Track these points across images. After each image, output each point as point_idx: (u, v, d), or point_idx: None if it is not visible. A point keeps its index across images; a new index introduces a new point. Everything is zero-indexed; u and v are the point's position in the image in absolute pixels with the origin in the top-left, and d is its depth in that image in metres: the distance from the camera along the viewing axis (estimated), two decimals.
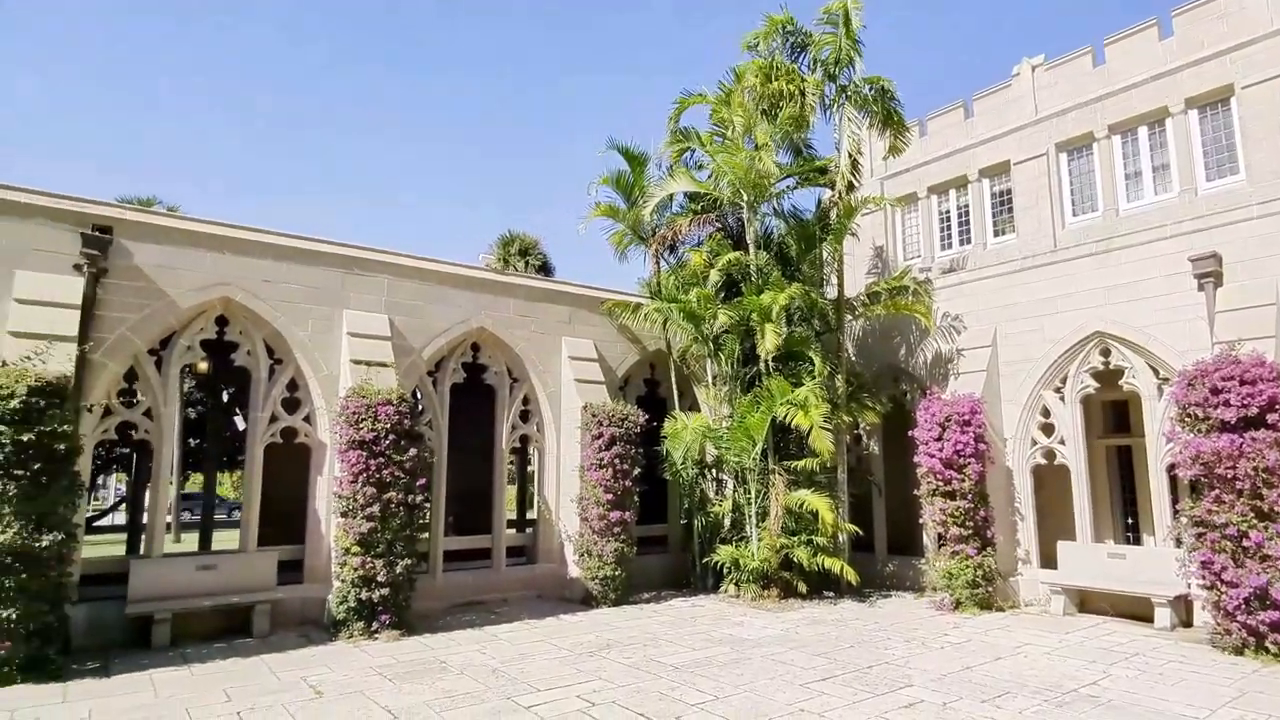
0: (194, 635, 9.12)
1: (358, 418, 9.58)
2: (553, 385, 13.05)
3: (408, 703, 6.80)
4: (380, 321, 11.18)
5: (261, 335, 10.43)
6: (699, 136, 14.35)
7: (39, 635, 7.40)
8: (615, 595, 11.68)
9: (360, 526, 9.26)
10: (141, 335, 9.40)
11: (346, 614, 9.26)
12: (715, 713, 6.52)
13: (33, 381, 7.47)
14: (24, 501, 7.32)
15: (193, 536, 15.95)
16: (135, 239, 9.43)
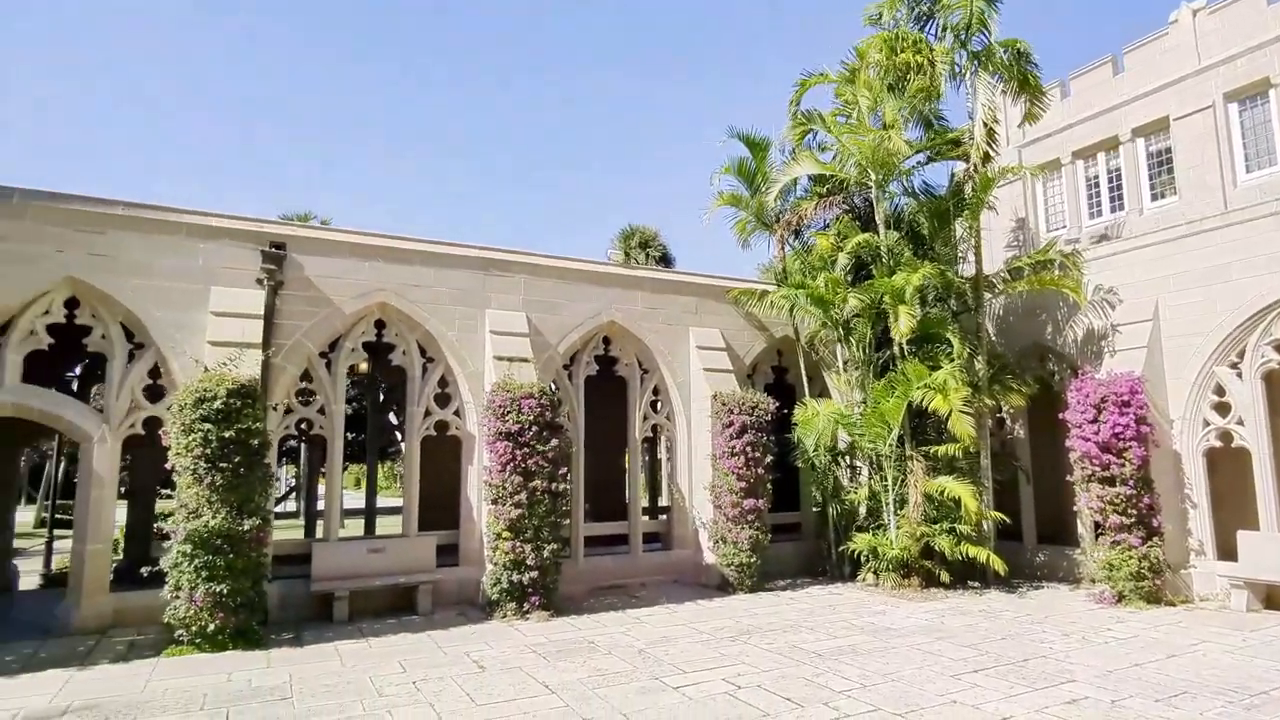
0: (367, 611, 10.02)
1: (503, 411, 10.15)
2: (681, 375, 13.26)
3: (563, 679, 7.21)
4: (519, 319, 11.76)
5: (414, 336, 11.25)
6: (822, 118, 14.07)
7: (244, 608, 8.39)
8: (751, 582, 11.77)
9: (509, 513, 9.84)
10: (313, 339, 10.39)
11: (499, 595, 9.87)
12: (863, 700, 6.51)
13: (230, 384, 8.46)
14: (228, 490, 8.31)
15: (355, 523, 17.35)
16: (305, 253, 10.42)
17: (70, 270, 9.17)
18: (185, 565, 8.13)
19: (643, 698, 6.62)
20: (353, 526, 12.62)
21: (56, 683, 7.11)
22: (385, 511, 18.46)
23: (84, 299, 9.38)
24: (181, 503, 8.31)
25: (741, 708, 6.33)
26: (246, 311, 9.74)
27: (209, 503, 8.24)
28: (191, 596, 8.07)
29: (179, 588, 8.15)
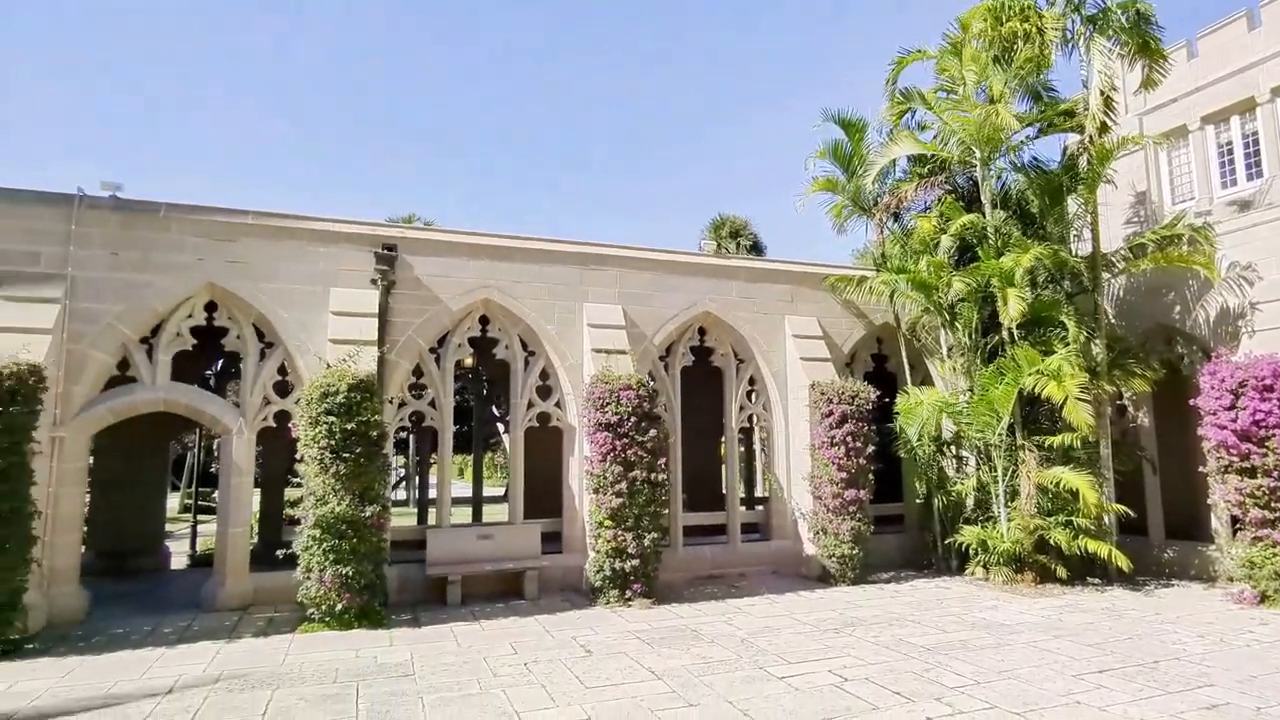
0: (478, 595, 10.47)
1: (602, 402, 10.36)
2: (777, 364, 13.15)
3: (668, 665, 7.33)
4: (615, 312, 11.95)
5: (516, 331, 11.63)
6: (922, 95, 13.56)
7: (368, 590, 8.94)
8: (853, 574, 11.59)
9: (610, 502, 10.05)
10: (424, 336, 10.91)
11: (602, 582, 10.11)
12: (977, 697, 6.33)
13: (351, 380, 9.00)
14: (351, 479, 8.86)
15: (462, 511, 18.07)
16: (414, 254, 10.94)
17: (209, 276, 9.99)
18: (314, 549, 8.73)
19: (748, 686, 6.66)
20: (460, 514, 13.16)
21: (208, 654, 7.80)
22: (489, 500, 19.15)
23: (221, 302, 10.20)
24: (310, 490, 8.92)
25: (849, 699, 6.28)
26: (362, 311, 10.34)
27: (334, 490, 8.81)
28: (321, 578, 8.66)
29: (309, 569, 8.76)
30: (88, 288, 9.43)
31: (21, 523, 7.87)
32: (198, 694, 6.52)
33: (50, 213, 9.43)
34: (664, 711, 6.01)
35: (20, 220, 9.29)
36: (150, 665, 7.40)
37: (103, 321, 9.45)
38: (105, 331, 9.47)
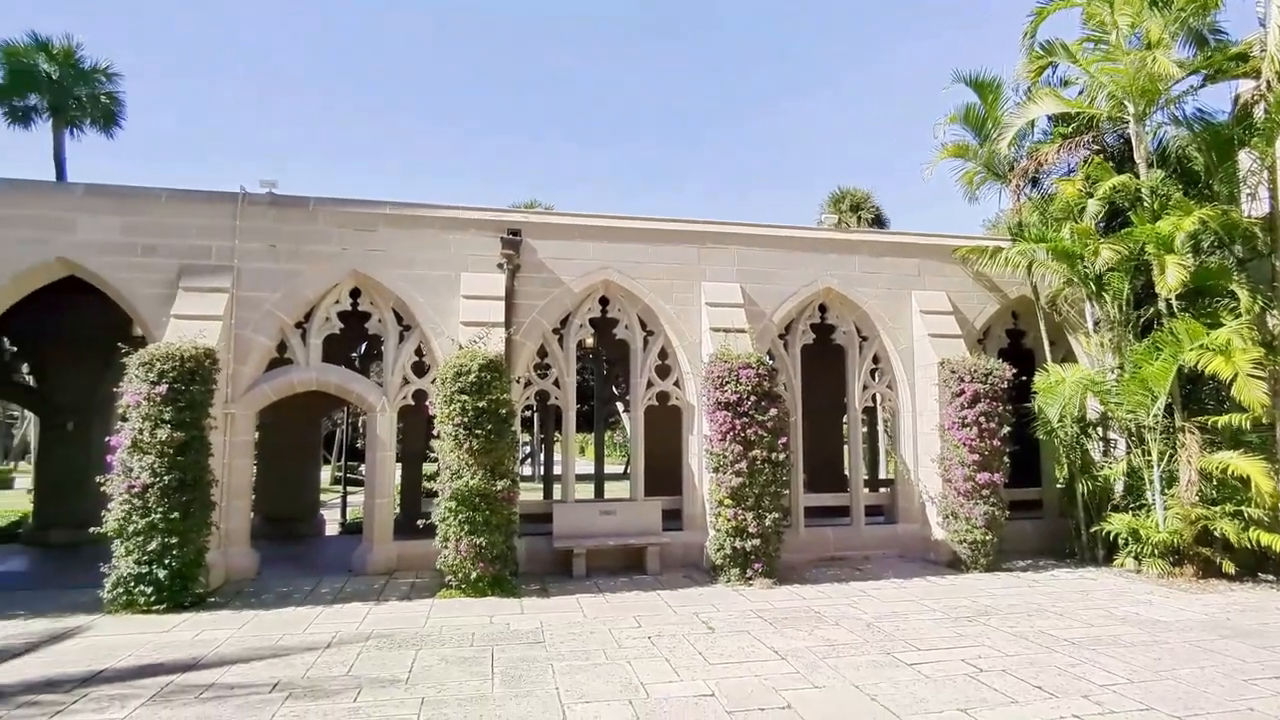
0: (601, 568, 10.79)
1: (721, 381, 10.34)
2: (904, 341, 12.65)
3: (791, 646, 7.29)
4: (733, 290, 11.86)
5: (635, 311, 11.78)
6: (1065, 47, 12.50)
7: (499, 560, 9.40)
8: (986, 561, 11.05)
9: (730, 481, 10.05)
10: (547, 317, 11.26)
11: (723, 560, 10.15)
12: (1131, 697, 5.91)
13: (482, 360, 9.43)
14: (483, 454, 9.31)
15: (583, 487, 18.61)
16: (537, 237, 11.28)
17: (353, 264, 10.73)
18: (451, 520, 9.25)
19: (875, 671, 6.53)
20: (582, 490, 13.55)
21: (360, 614, 8.47)
22: (610, 477, 19.62)
23: (364, 288, 10.93)
24: (446, 465, 9.45)
25: (985, 691, 6.04)
26: (490, 294, 10.79)
27: (467, 465, 9.29)
28: (457, 547, 9.18)
29: (446, 539, 9.30)
30: (250, 277, 10.37)
31: (203, 489, 8.81)
32: (352, 650, 7.10)
33: (218, 210, 10.41)
34: (788, 691, 6.00)
35: (195, 218, 10.32)
36: (311, 622, 8.13)
37: (263, 308, 10.37)
38: (266, 317, 10.38)
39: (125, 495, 8.39)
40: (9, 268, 9.85)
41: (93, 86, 21.35)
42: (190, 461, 8.65)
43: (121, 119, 22.34)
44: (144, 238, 10.14)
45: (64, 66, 20.67)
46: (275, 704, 5.66)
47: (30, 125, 21.09)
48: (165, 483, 8.40)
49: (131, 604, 8.32)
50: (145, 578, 8.32)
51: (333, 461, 32.24)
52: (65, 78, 20.67)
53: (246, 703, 5.70)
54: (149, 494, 8.35)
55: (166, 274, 10.08)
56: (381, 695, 5.86)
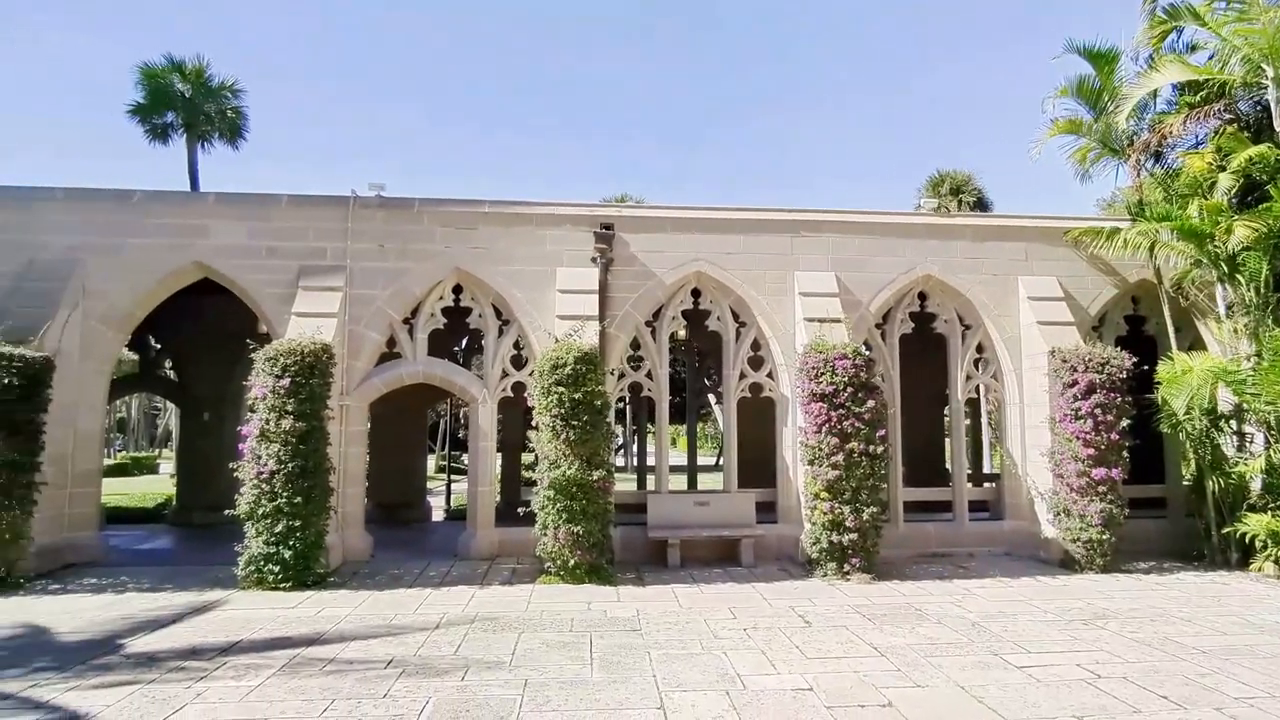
0: (695, 559, 10.86)
1: (816, 372, 10.18)
2: (1010, 330, 12.08)
3: (891, 643, 7.14)
4: (828, 279, 11.64)
5: (728, 302, 11.75)
6: (1191, 10, 11.58)
7: (596, 548, 9.62)
8: (1102, 561, 10.45)
9: (826, 474, 9.90)
10: (640, 310, 11.40)
11: (819, 554, 10.03)
12: (1272, 713, 5.48)
13: (577, 353, 9.65)
14: (579, 445, 9.53)
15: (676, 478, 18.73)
16: (629, 231, 11.43)
17: (455, 262, 11.20)
18: (549, 508, 9.53)
19: (982, 673, 6.32)
20: (675, 481, 13.63)
21: (465, 596, 8.87)
22: (702, 469, 19.66)
23: (465, 285, 11.38)
24: (544, 454, 9.73)
25: (1104, 698, 5.74)
26: (584, 288, 11.01)
27: (564, 455, 9.54)
28: (555, 535, 9.46)
29: (545, 527, 9.59)
30: (362, 276, 10.98)
31: (322, 476, 9.42)
32: (459, 631, 7.45)
33: (332, 213, 11.08)
34: (889, 689, 5.89)
35: (312, 221, 11.03)
36: (420, 603, 8.58)
37: (374, 305, 10.97)
38: (376, 314, 10.98)
39: (255, 481, 9.08)
40: (154, 271, 10.83)
41: (220, 102, 23.07)
42: (311, 450, 9.27)
43: (245, 131, 24.06)
44: (267, 241, 10.93)
45: (195, 85, 22.42)
46: (390, 679, 6.02)
47: (168, 141, 22.97)
48: (289, 469, 9.03)
49: (261, 581, 9.01)
50: (273, 557, 8.99)
51: (437, 451, 33.66)
52: (197, 95, 22.42)
53: (364, 677, 6.08)
54: (275, 479, 9.01)
55: (287, 274, 10.82)
56: (487, 676, 6.14)
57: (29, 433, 9.19)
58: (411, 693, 5.73)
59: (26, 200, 10.84)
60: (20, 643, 7.06)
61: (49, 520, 9.79)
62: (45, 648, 6.89)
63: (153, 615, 7.97)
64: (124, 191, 11.02)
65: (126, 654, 6.68)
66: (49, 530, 9.85)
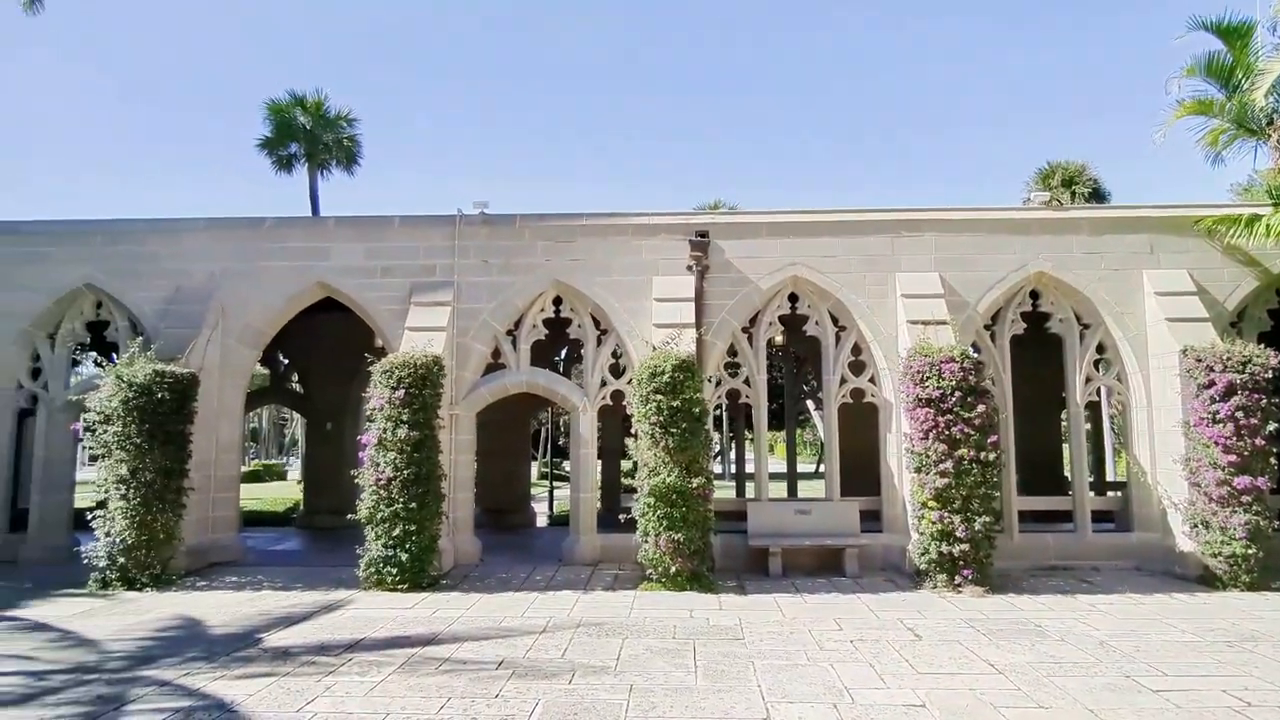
0: (797, 568, 10.70)
1: (922, 376, 9.86)
2: (1134, 328, 11.30)
3: (1009, 660, 6.82)
4: (931, 280, 11.25)
5: (826, 306, 11.56)
6: None
7: (696, 555, 9.64)
8: (1248, 578, 9.59)
9: (934, 482, 9.56)
10: (736, 316, 11.39)
11: (928, 565, 9.69)
12: None
13: (675, 360, 9.73)
14: (678, 452, 9.60)
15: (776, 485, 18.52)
16: (724, 238, 11.45)
17: (555, 274, 11.55)
18: (649, 515, 9.63)
19: (1112, 695, 5.94)
20: (775, 489, 13.48)
21: (569, 601, 9.08)
22: (801, 476, 19.33)
23: (565, 296, 11.70)
24: (643, 462, 9.86)
25: None
26: (680, 296, 11.10)
27: (664, 462, 9.63)
28: (656, 542, 9.55)
29: (646, 533, 9.70)
30: (468, 291, 11.48)
31: (434, 482, 9.89)
32: (565, 635, 7.64)
33: (440, 231, 11.66)
34: (1008, 709, 5.63)
35: (421, 240, 11.65)
36: (528, 606, 8.85)
37: (479, 318, 11.44)
38: (482, 326, 11.45)
39: (373, 487, 9.62)
40: (283, 291, 11.71)
41: (337, 132, 24.75)
42: (424, 457, 9.74)
43: (360, 158, 25.72)
44: (382, 260, 11.60)
45: (315, 117, 24.13)
46: (501, 680, 6.25)
47: (292, 171, 24.81)
48: (405, 476, 9.53)
49: (380, 582, 9.53)
50: (391, 560, 9.50)
51: (539, 458, 34.55)
52: (316, 126, 24.14)
53: (477, 677, 6.34)
54: (392, 486, 9.52)
55: (400, 291, 11.45)
56: (594, 680, 6.27)
57: (179, 442, 10.10)
58: (521, 694, 5.93)
59: (175, 231, 11.95)
60: (176, 634, 7.76)
61: (195, 523, 10.72)
62: (196, 640, 7.55)
63: (286, 612, 8.58)
64: (255, 219, 11.98)
65: (264, 647, 7.23)
66: (196, 532, 10.78)
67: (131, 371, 9.80)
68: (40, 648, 7.28)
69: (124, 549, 9.58)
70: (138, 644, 7.35)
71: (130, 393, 9.66)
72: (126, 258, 11.81)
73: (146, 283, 11.68)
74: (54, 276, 11.82)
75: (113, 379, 9.81)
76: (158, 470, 9.75)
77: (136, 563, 9.63)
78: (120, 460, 9.66)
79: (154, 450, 9.72)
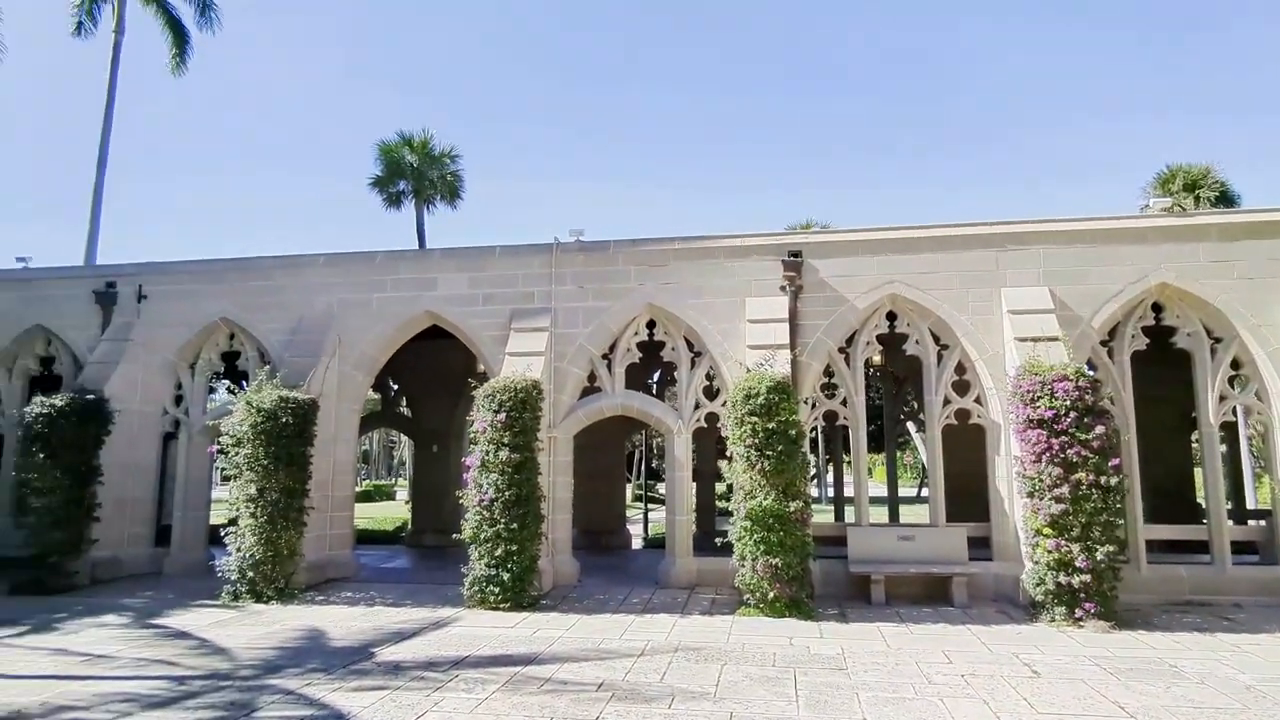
0: (901, 597, 10.32)
1: (1032, 396, 9.39)
2: (1275, 341, 10.41)
3: (1141, 703, 6.34)
4: (1040, 294, 10.73)
5: (926, 324, 11.21)
6: None
7: (795, 581, 9.46)
8: None
9: (1049, 508, 9.05)
10: (831, 336, 11.21)
11: (1044, 596, 9.14)
12: None
13: (769, 382, 9.67)
14: (774, 475, 9.49)
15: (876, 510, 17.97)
16: (818, 257, 11.33)
17: (648, 298, 11.72)
18: (746, 539, 9.54)
19: None
20: (875, 513, 13.09)
21: (667, 625, 9.09)
22: (903, 500, 18.66)
23: (658, 319, 11.85)
24: (739, 485, 9.80)
25: None
26: (774, 317, 11.04)
27: (760, 486, 9.54)
28: (753, 566, 9.44)
29: (743, 558, 9.61)
30: (564, 316, 11.81)
31: (534, 504, 10.15)
32: (663, 659, 7.64)
33: (538, 259, 12.08)
34: None
35: (521, 269, 12.11)
36: (625, 629, 8.91)
37: (576, 343, 11.73)
38: (578, 351, 11.73)
39: (476, 507, 9.97)
40: (395, 320, 12.42)
41: (442, 169, 26.22)
42: (524, 479, 10.03)
43: (462, 192, 27.11)
44: (484, 289, 12.13)
45: (421, 155, 25.64)
46: (602, 703, 6.32)
47: (400, 207, 26.39)
48: (506, 497, 9.84)
49: (484, 601, 9.83)
50: (494, 579, 9.79)
51: (632, 480, 34.80)
52: (422, 164, 25.65)
53: (578, 698, 6.43)
54: (494, 507, 9.84)
55: (501, 317, 11.91)
56: (693, 705, 6.24)
57: (301, 463, 10.80)
58: (622, 717, 5.97)
59: (297, 266, 12.89)
60: (298, 645, 8.26)
61: (314, 540, 11.39)
62: (316, 652, 8.01)
63: (397, 628, 8.98)
64: (369, 253, 12.76)
65: (378, 661, 7.59)
66: (314, 548, 11.45)
67: (260, 398, 10.59)
68: (181, 654, 7.90)
69: (253, 564, 10.29)
70: (264, 654, 7.87)
71: (258, 417, 10.43)
72: (256, 292, 12.83)
73: (273, 315, 12.65)
74: (196, 311, 12.96)
75: (243, 405, 10.63)
76: (282, 490, 10.44)
77: (263, 577, 10.31)
78: (249, 480, 10.42)
79: (279, 471, 10.44)
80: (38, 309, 13.45)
